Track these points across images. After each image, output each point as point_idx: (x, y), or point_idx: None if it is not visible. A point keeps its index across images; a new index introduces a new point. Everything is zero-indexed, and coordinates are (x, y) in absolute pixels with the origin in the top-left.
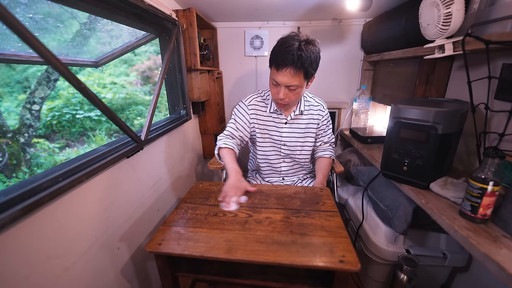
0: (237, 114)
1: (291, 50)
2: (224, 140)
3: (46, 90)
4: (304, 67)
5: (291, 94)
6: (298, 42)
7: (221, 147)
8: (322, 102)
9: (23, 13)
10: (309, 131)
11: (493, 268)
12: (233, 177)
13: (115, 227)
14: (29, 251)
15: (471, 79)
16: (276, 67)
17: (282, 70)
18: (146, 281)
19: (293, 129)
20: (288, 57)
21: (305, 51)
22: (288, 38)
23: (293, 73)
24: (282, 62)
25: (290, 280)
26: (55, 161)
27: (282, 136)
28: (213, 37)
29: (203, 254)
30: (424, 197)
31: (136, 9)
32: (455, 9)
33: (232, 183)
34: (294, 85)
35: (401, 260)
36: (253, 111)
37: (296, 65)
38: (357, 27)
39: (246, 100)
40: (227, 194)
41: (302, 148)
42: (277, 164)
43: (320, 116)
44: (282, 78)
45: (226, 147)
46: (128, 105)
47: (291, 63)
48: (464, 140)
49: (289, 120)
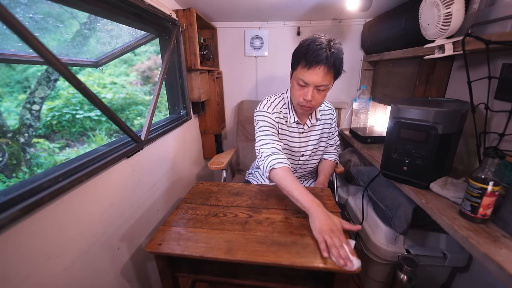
0: (266, 124)
1: (323, 47)
2: (273, 157)
3: (46, 90)
4: (336, 65)
5: (319, 96)
6: (326, 41)
7: (274, 168)
8: (330, 105)
9: (23, 13)
10: (322, 137)
11: (493, 268)
12: (322, 214)
13: (115, 227)
14: (29, 251)
15: (471, 79)
16: (308, 64)
17: (314, 68)
18: (146, 281)
19: (309, 137)
20: (321, 54)
21: (336, 49)
22: (316, 37)
23: (326, 71)
24: (315, 59)
25: (290, 281)
26: (55, 161)
27: (301, 147)
28: (213, 37)
29: (203, 255)
30: (424, 197)
31: (136, 9)
32: (455, 9)
33: (327, 223)
34: (324, 85)
35: (401, 260)
36: (278, 119)
37: (329, 62)
38: (357, 27)
39: (266, 108)
40: (334, 244)
41: (315, 154)
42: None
43: (331, 120)
44: (314, 77)
45: (281, 166)
46: (128, 105)
47: (325, 60)
48: (464, 140)
49: (306, 129)
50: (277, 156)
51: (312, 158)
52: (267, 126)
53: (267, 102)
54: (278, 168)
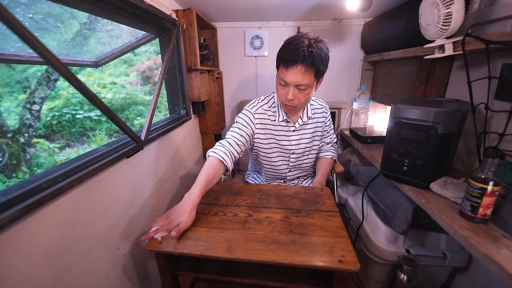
0: (240, 122)
1: (301, 47)
2: (218, 148)
3: (46, 90)
4: (315, 64)
5: (301, 95)
6: (307, 40)
7: (209, 155)
8: (324, 104)
9: (23, 13)
10: (315, 135)
11: (493, 268)
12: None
13: (115, 227)
14: (30, 251)
15: (471, 79)
16: (286, 64)
17: (292, 67)
18: (146, 281)
19: (301, 135)
20: (298, 54)
21: (316, 48)
22: (297, 36)
23: (304, 70)
24: (292, 58)
25: (290, 279)
26: (55, 161)
27: (291, 145)
28: (213, 37)
29: (203, 253)
30: (424, 197)
31: (136, 9)
32: (455, 9)
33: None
34: (304, 84)
35: (401, 260)
36: (259, 120)
37: (307, 62)
38: (357, 27)
39: (251, 107)
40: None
41: (309, 153)
42: (283, 172)
43: (324, 119)
44: (292, 77)
45: (214, 157)
46: (128, 105)
47: (302, 59)
48: (464, 140)
49: (297, 127)
50: (218, 147)
51: (307, 158)
52: (240, 123)
53: (255, 102)
54: (209, 156)
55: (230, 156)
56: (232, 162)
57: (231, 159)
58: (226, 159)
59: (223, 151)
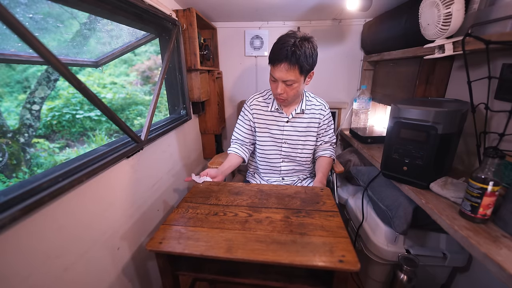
0: (242, 115)
1: (286, 46)
2: (232, 145)
3: (46, 90)
4: (298, 62)
5: (289, 89)
6: (294, 39)
7: (229, 153)
8: (323, 102)
9: (23, 13)
10: (310, 131)
11: (493, 268)
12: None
13: (115, 227)
14: (29, 251)
15: (471, 79)
16: (272, 62)
17: (277, 65)
18: (146, 281)
19: (295, 127)
20: (282, 53)
21: (299, 47)
22: (285, 35)
23: (288, 68)
24: (277, 57)
25: (290, 279)
26: (55, 161)
27: (283, 134)
28: (213, 37)
29: (203, 253)
30: (424, 197)
31: (136, 9)
32: (455, 9)
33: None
34: (290, 80)
35: (401, 260)
36: (255, 110)
37: (291, 60)
38: (357, 27)
39: (248, 100)
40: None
41: (304, 147)
42: (276, 164)
43: (321, 116)
44: (278, 73)
45: (230, 152)
46: (128, 105)
47: (285, 58)
48: (464, 140)
49: (291, 118)
50: (233, 145)
51: (301, 151)
52: (241, 118)
53: (253, 95)
54: (229, 153)
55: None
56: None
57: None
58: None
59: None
